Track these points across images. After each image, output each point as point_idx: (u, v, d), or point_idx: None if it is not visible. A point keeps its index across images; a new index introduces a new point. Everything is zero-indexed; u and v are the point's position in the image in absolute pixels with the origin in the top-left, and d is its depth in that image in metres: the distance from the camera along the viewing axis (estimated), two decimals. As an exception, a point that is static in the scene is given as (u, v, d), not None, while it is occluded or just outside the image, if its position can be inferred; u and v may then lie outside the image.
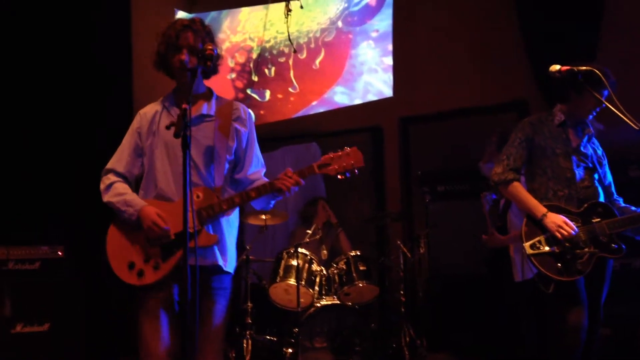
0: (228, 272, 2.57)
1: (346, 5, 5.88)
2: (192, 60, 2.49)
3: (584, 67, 2.89)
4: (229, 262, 2.57)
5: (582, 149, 3.08)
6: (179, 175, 2.50)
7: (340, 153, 2.50)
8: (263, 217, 4.54)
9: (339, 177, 2.50)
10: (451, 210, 4.94)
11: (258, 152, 2.68)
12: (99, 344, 4.22)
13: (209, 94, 2.65)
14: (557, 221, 2.89)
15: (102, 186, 2.61)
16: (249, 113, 2.68)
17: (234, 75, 6.19)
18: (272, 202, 2.60)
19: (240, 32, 6.25)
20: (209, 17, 6.24)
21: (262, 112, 6.06)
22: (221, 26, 6.26)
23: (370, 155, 5.60)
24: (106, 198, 2.59)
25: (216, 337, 2.51)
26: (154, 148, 2.57)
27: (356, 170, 2.50)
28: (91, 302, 4.10)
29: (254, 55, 6.16)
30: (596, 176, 3.09)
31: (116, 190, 2.57)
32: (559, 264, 2.87)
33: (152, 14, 5.78)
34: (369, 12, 5.77)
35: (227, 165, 2.56)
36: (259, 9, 6.12)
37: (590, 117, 3.08)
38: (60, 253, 4.01)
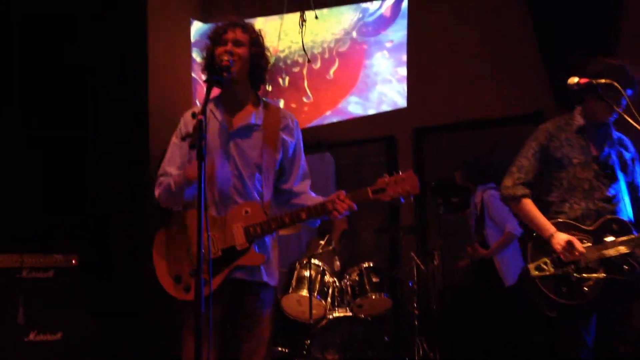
0: (274, 286, 2.52)
1: (360, 15, 5.88)
2: (239, 51, 2.38)
3: (602, 80, 2.74)
4: (274, 277, 2.51)
5: (603, 156, 2.86)
6: (223, 186, 2.41)
7: (395, 178, 2.37)
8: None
9: (398, 202, 2.38)
10: (465, 222, 4.90)
11: (304, 163, 2.59)
12: (112, 353, 4.21)
13: (256, 101, 2.53)
14: (563, 242, 2.73)
15: (157, 190, 2.48)
16: (296, 122, 2.60)
17: (248, 85, 6.20)
18: (318, 222, 2.51)
19: (254, 42, 6.27)
20: (224, 27, 6.27)
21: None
22: (236, 36, 6.28)
23: (383, 166, 5.59)
24: (158, 191, 2.47)
25: (263, 347, 2.44)
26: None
27: (412, 197, 2.37)
28: (104, 312, 4.10)
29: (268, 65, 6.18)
30: (620, 186, 2.86)
31: (167, 180, 2.45)
32: (564, 288, 2.71)
33: (168, 24, 5.83)
34: (384, 23, 5.77)
35: (273, 177, 2.48)
36: (273, 19, 6.14)
37: (612, 119, 2.87)
38: (74, 262, 3.99)
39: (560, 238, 2.75)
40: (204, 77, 2.46)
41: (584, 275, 2.72)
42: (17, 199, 4.13)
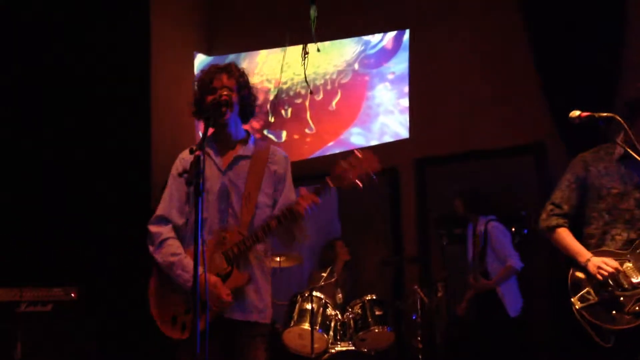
0: (266, 323, 2.54)
1: (362, 48, 5.94)
2: (230, 97, 2.50)
3: (604, 114, 2.68)
4: (265, 314, 2.52)
5: None
6: (211, 222, 2.48)
7: (351, 159, 2.35)
8: (277, 259, 4.49)
9: (359, 186, 2.35)
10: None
11: (291, 194, 2.63)
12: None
13: (246, 138, 2.66)
14: (597, 262, 2.62)
15: (154, 238, 2.52)
16: (285, 156, 2.67)
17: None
18: (296, 233, 2.51)
19: (257, 74, 6.34)
20: (227, 60, 6.34)
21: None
22: (239, 68, 6.34)
23: (386, 197, 5.56)
24: (159, 256, 2.50)
25: None
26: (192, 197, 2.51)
27: (374, 176, 2.35)
28: (104, 346, 4.04)
29: (271, 97, 6.23)
30: None
31: (170, 249, 2.48)
32: (614, 312, 2.56)
33: (172, 57, 5.89)
34: (386, 55, 5.82)
35: (259, 204, 2.51)
36: (276, 52, 6.21)
37: None
38: (73, 295, 3.96)
39: (597, 260, 2.65)
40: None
41: (627, 293, 2.57)
42: (15, 230, 4.11)
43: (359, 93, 5.89)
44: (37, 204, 4.28)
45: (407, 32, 5.68)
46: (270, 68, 6.28)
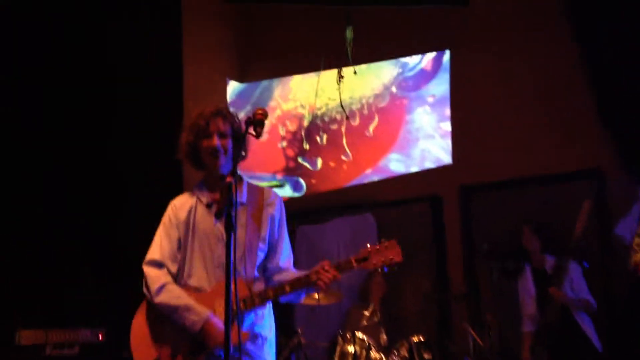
0: None
1: (400, 70, 5.69)
2: (223, 142, 2.43)
3: None
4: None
5: None
6: (215, 268, 2.41)
7: (378, 246, 2.40)
8: (315, 296, 4.21)
9: (378, 271, 2.45)
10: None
11: (288, 239, 2.60)
12: None
13: (239, 182, 2.54)
14: None
15: (152, 282, 2.44)
16: (280, 199, 2.60)
17: (285, 144, 6.04)
18: (303, 295, 2.50)
19: (291, 99, 6.15)
20: (261, 87, 6.18)
21: (313, 181, 5.84)
22: (272, 94, 6.18)
23: (429, 227, 5.25)
24: (159, 299, 2.40)
25: None
26: (188, 244, 2.46)
27: (395, 266, 2.39)
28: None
29: (305, 123, 6.02)
30: None
31: (173, 293, 2.40)
32: None
33: (204, 85, 5.75)
34: (425, 77, 5.55)
35: (260, 254, 2.47)
36: (310, 76, 6.01)
37: None
38: (100, 337, 3.77)
39: None
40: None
41: None
42: (40, 270, 3.97)
43: (398, 117, 5.63)
44: (63, 245, 4.15)
45: (447, 52, 5.41)
46: (304, 93, 6.09)
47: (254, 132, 2.16)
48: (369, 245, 2.40)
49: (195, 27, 5.66)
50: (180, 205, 2.53)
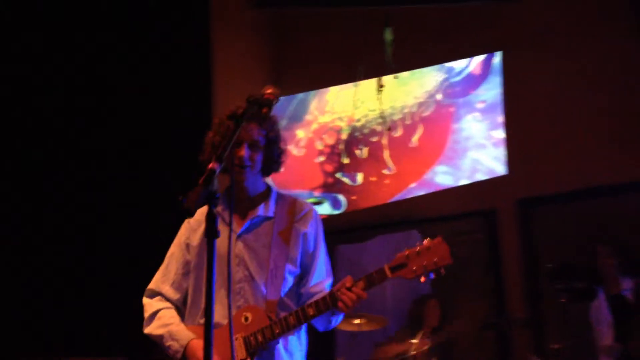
0: None
1: (446, 76, 5.26)
2: (253, 153, 2.07)
3: None
4: None
5: None
6: (235, 296, 2.06)
7: (418, 248, 1.97)
8: (357, 321, 3.75)
9: (421, 279, 1.97)
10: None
11: (325, 259, 2.22)
12: None
13: (267, 193, 2.22)
14: None
15: (145, 313, 2.17)
16: (315, 213, 2.24)
17: (322, 159, 5.66)
18: (333, 321, 2.10)
19: (328, 112, 5.79)
20: (296, 100, 5.86)
21: (353, 197, 5.44)
22: (308, 107, 5.86)
23: (483, 245, 4.75)
24: (147, 330, 2.12)
25: None
26: (203, 264, 2.01)
27: (442, 270, 1.96)
28: None
29: (344, 136, 5.64)
30: None
31: (161, 321, 2.11)
32: None
33: (236, 98, 5.43)
34: (473, 82, 5.11)
35: (287, 277, 2.10)
36: (348, 87, 5.66)
37: None
38: (122, 367, 3.42)
39: None
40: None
41: None
42: (59, 294, 3.72)
43: (444, 126, 5.19)
44: (82, 263, 3.90)
45: (499, 54, 4.97)
46: (342, 105, 5.74)
47: (256, 114, 1.80)
48: (406, 249, 1.97)
49: (226, 39, 5.42)
50: (196, 221, 2.18)
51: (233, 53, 5.51)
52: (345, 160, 5.57)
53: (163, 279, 2.19)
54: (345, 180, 5.54)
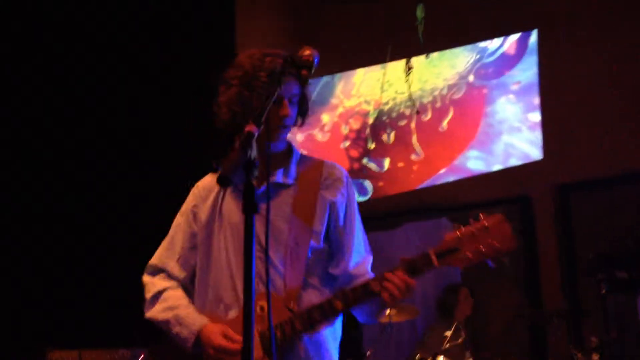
0: None
1: (478, 56, 5.04)
2: (292, 110, 1.77)
3: None
4: None
5: None
6: (232, 281, 1.75)
7: (473, 228, 1.65)
8: (387, 312, 3.59)
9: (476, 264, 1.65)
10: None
11: (361, 233, 1.88)
12: None
13: (287, 154, 1.86)
14: None
15: (146, 293, 1.85)
16: (347, 178, 1.88)
17: (348, 144, 5.50)
18: (375, 310, 1.81)
19: (355, 95, 5.62)
20: (322, 82, 5.70)
21: (380, 183, 5.27)
22: (334, 91, 5.69)
23: (517, 233, 4.49)
24: (150, 313, 1.82)
25: None
26: (213, 238, 1.79)
27: (504, 259, 1.67)
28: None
29: (371, 120, 5.46)
30: None
31: (167, 303, 1.79)
32: None
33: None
34: (508, 62, 4.88)
35: (310, 257, 1.76)
36: (375, 69, 5.47)
37: None
38: (142, 357, 3.32)
39: None
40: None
41: None
42: (77, 284, 3.65)
43: (476, 109, 4.98)
44: (99, 258, 3.84)
45: (535, 32, 4.73)
46: (368, 88, 5.55)
47: (296, 75, 1.59)
48: (457, 230, 1.63)
49: (250, 18, 5.31)
50: (205, 189, 1.87)
51: (256, 33, 5.38)
52: (372, 146, 5.40)
53: (167, 254, 1.87)
54: (372, 165, 5.37)
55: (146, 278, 1.89)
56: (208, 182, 1.88)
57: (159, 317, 1.80)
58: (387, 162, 5.30)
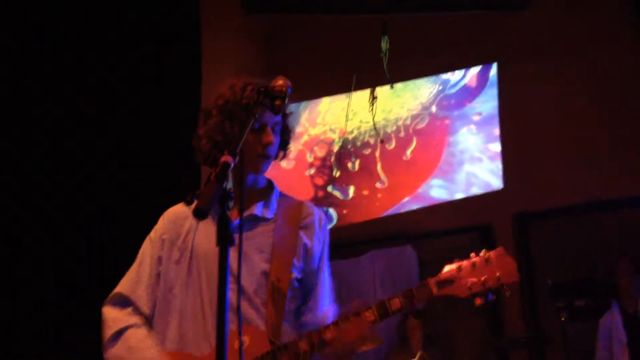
0: None
1: (440, 88, 5.15)
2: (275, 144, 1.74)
3: None
4: None
5: None
6: (204, 314, 1.64)
7: (473, 260, 1.64)
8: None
9: (476, 302, 1.62)
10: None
11: (329, 280, 1.84)
12: None
13: (268, 189, 1.82)
14: None
15: (107, 332, 1.70)
16: (324, 221, 1.85)
17: (312, 171, 5.50)
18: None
19: (320, 124, 5.65)
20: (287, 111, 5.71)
21: (345, 211, 5.27)
22: (299, 119, 5.70)
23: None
24: (108, 354, 1.67)
25: None
26: (179, 271, 1.70)
27: (507, 292, 1.60)
28: None
29: (336, 149, 5.49)
30: None
31: (129, 341, 1.66)
32: None
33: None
34: (469, 94, 5.01)
35: (290, 295, 1.72)
36: (340, 98, 5.53)
37: None
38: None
39: None
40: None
41: None
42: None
43: (439, 139, 5.07)
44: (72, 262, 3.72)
45: (495, 65, 4.88)
46: (333, 116, 5.60)
47: (269, 106, 1.52)
48: (457, 262, 1.63)
49: (216, 46, 5.28)
50: (177, 216, 1.78)
51: (223, 60, 5.36)
52: (337, 174, 5.41)
53: (134, 283, 1.75)
54: (337, 193, 5.38)
55: (108, 310, 1.75)
56: (180, 210, 1.80)
57: (120, 356, 1.67)
58: (351, 190, 5.32)
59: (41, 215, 3.94)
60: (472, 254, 1.65)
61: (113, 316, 1.72)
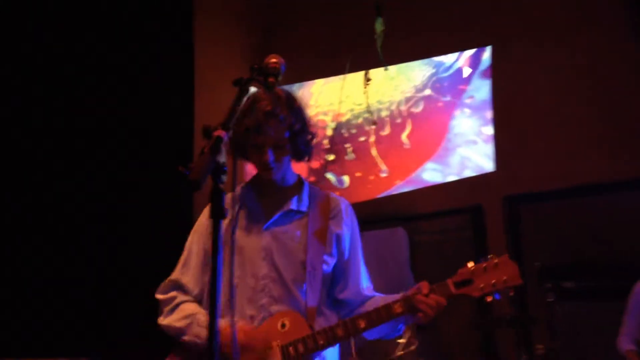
0: None
1: (434, 70, 5.16)
2: (278, 155, 1.90)
3: None
4: None
5: None
6: (258, 294, 1.87)
7: (485, 264, 1.91)
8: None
9: (486, 299, 1.92)
10: (585, 314, 3.85)
11: (363, 262, 2.08)
12: None
13: (298, 185, 2.04)
14: None
15: (164, 306, 1.95)
16: (351, 210, 2.09)
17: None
18: (402, 327, 1.99)
19: (312, 106, 5.66)
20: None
21: (337, 193, 5.29)
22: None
23: (469, 241, 4.65)
24: (166, 321, 1.90)
25: None
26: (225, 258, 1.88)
27: (511, 292, 1.91)
28: None
29: (329, 132, 5.51)
30: None
31: (183, 312, 1.91)
32: None
33: (218, 89, 5.27)
34: (463, 77, 5.02)
35: (324, 281, 1.96)
36: (334, 80, 5.53)
37: None
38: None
39: None
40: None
41: None
42: (17, 293, 3.54)
43: (432, 122, 5.09)
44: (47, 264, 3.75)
45: (489, 49, 4.88)
46: (327, 99, 5.60)
47: (262, 83, 1.59)
48: (470, 265, 1.89)
49: (209, 29, 5.29)
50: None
51: (216, 43, 5.36)
52: (331, 157, 5.44)
53: (183, 270, 1.99)
54: (330, 177, 5.41)
55: (162, 295, 1.96)
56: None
57: (175, 324, 1.88)
58: (346, 175, 5.36)
59: (41, 216, 3.98)
60: (482, 259, 1.92)
61: (166, 298, 1.95)
